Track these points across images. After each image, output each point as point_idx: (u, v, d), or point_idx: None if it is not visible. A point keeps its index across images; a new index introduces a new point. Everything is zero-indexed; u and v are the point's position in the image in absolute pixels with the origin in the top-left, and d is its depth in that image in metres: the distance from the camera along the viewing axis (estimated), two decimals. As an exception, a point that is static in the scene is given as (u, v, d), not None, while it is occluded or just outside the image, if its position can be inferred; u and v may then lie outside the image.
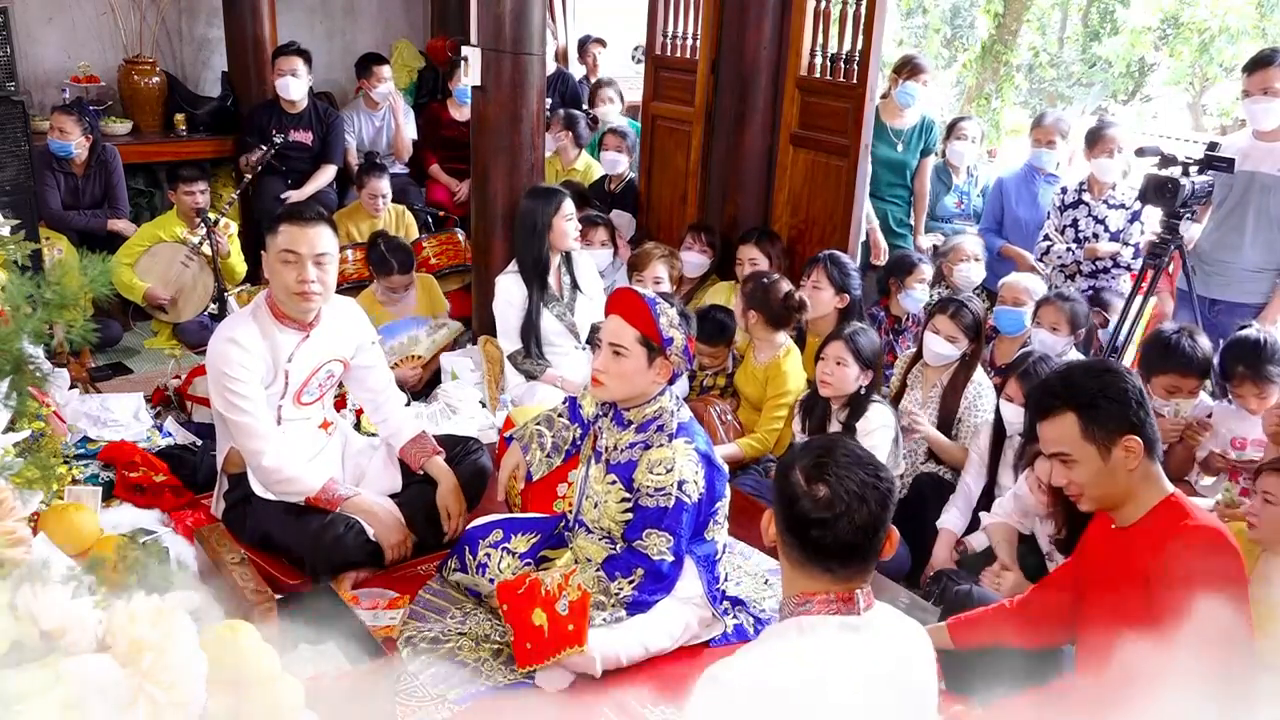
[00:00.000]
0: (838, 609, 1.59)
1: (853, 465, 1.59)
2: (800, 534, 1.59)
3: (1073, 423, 2.02)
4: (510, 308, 3.92)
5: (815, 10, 4.38)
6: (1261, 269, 3.88)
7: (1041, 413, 2.08)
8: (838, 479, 1.57)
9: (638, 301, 2.53)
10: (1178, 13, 9.49)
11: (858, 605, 1.60)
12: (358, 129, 5.83)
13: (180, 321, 4.90)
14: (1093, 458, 2.02)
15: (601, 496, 2.60)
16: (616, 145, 5.35)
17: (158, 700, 1.15)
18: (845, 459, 1.60)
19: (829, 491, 1.57)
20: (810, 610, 1.60)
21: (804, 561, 1.61)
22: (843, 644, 1.58)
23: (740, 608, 2.74)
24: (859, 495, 1.56)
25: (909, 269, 4.20)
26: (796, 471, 1.61)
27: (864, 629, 1.59)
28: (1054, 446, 2.07)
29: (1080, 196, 4.40)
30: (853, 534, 1.56)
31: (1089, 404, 2.01)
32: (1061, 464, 2.06)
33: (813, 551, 1.59)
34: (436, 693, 2.43)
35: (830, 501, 1.56)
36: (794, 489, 1.60)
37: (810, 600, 1.60)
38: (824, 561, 1.59)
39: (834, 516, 1.56)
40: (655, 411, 2.58)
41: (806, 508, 1.58)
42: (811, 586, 1.61)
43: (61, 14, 5.75)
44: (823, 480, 1.58)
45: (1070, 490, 2.09)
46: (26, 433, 1.74)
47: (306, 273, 2.70)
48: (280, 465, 2.77)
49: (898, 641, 1.64)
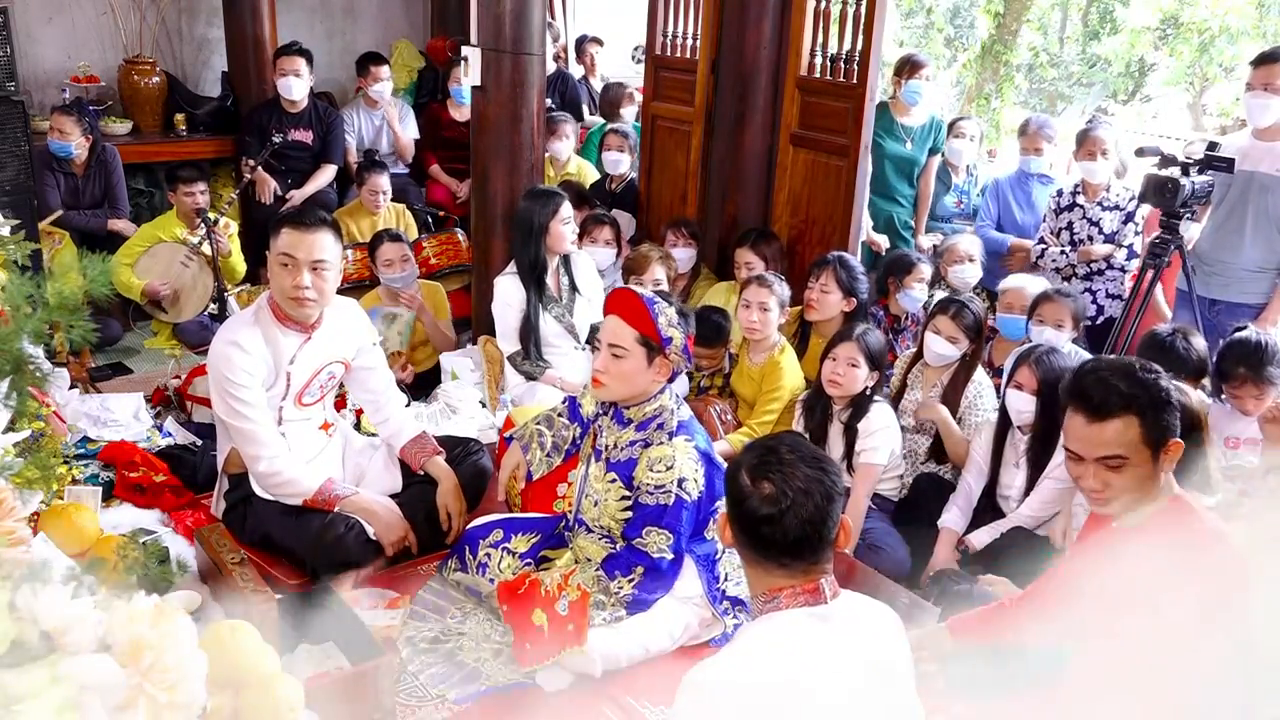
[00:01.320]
0: (805, 600, 1.63)
1: (797, 462, 1.63)
2: (750, 531, 1.64)
3: (1135, 425, 1.94)
4: (509, 309, 3.92)
5: (815, 10, 4.38)
6: (1261, 269, 3.87)
7: (1102, 414, 1.96)
8: (782, 476, 1.62)
9: (636, 301, 2.53)
10: (1178, 13, 9.49)
11: (824, 594, 1.64)
12: (358, 128, 5.83)
13: (180, 321, 4.90)
14: (1146, 461, 1.96)
15: (601, 495, 2.60)
16: (618, 145, 5.35)
17: (158, 700, 1.15)
18: (790, 455, 1.64)
19: (774, 488, 1.61)
20: (779, 605, 1.63)
21: (759, 559, 1.66)
22: (814, 634, 1.61)
23: (740, 608, 2.74)
24: (804, 490, 1.61)
25: (907, 268, 4.20)
26: (743, 471, 1.66)
27: (833, 617, 1.63)
28: (1109, 449, 1.97)
29: (1075, 199, 4.40)
30: (800, 528, 1.60)
31: (1153, 407, 1.94)
32: (1108, 468, 1.98)
33: (764, 548, 1.64)
34: (436, 693, 2.43)
35: (775, 497, 1.61)
36: (741, 488, 1.65)
37: (778, 596, 1.64)
38: (777, 557, 1.63)
39: (780, 512, 1.60)
40: (655, 410, 2.58)
41: (754, 505, 1.62)
42: (775, 583, 1.65)
43: (61, 14, 5.75)
44: (767, 478, 1.62)
45: (1102, 496, 2.02)
46: (26, 433, 1.74)
47: (301, 278, 2.69)
48: (279, 468, 2.77)
49: (868, 626, 1.68)
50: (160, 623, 1.19)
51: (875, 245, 4.85)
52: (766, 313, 3.70)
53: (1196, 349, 3.12)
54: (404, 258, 4.38)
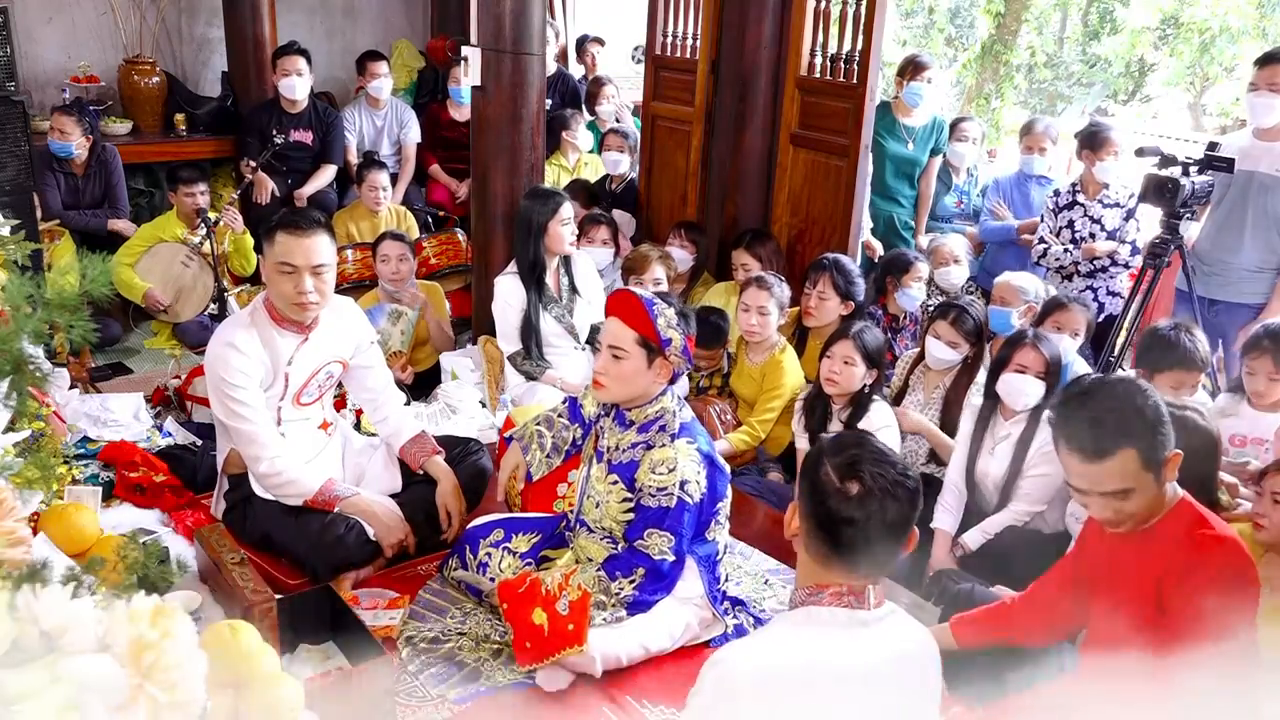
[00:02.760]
0: (849, 603, 1.60)
1: (883, 463, 1.60)
2: (831, 530, 1.59)
3: (1133, 458, 1.93)
4: (509, 308, 3.91)
5: (815, 10, 4.38)
6: (1261, 269, 3.87)
7: (1099, 455, 1.94)
8: (871, 476, 1.57)
9: (635, 303, 2.53)
10: (1178, 12, 9.49)
11: (868, 601, 1.60)
12: (358, 127, 5.83)
13: (180, 321, 4.91)
14: (1150, 484, 1.96)
15: (603, 496, 2.60)
16: (618, 145, 5.36)
17: (158, 700, 1.15)
18: (876, 456, 1.60)
19: (862, 489, 1.57)
20: (821, 601, 1.60)
21: (828, 556, 1.61)
22: (849, 636, 1.58)
23: (740, 608, 2.74)
24: (890, 493, 1.57)
25: (904, 268, 4.20)
26: (828, 468, 1.60)
27: (872, 624, 1.60)
28: (1112, 484, 1.95)
29: (1075, 197, 4.40)
30: (883, 531, 1.57)
31: (1146, 433, 1.93)
32: (1116, 498, 1.97)
33: (842, 548, 1.59)
34: (436, 693, 2.43)
35: (864, 499, 1.56)
36: (826, 485, 1.59)
37: (823, 591, 1.61)
38: (851, 557, 1.59)
39: (867, 514, 1.56)
40: (657, 412, 2.58)
41: (839, 505, 1.57)
42: (826, 578, 1.61)
43: (61, 14, 5.75)
44: (855, 478, 1.58)
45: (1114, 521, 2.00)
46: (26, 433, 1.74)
47: (304, 284, 2.69)
48: (279, 468, 2.77)
49: (905, 642, 1.65)
50: (160, 623, 1.19)
51: (871, 250, 4.85)
52: (765, 316, 3.71)
53: (1200, 341, 3.12)
54: (401, 257, 4.38)
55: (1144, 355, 3.19)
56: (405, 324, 4.38)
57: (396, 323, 4.37)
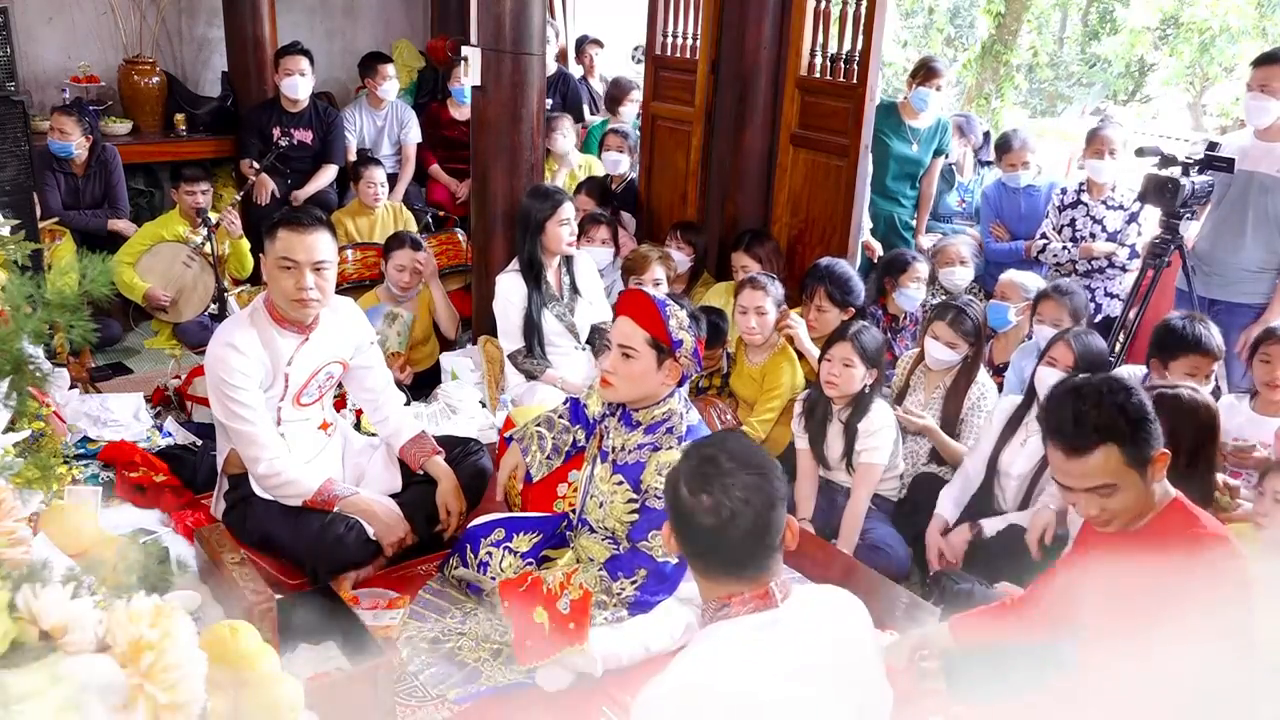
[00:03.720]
0: (755, 606, 1.59)
1: (737, 470, 1.58)
2: (695, 545, 1.61)
3: (1115, 454, 1.93)
4: (511, 306, 3.91)
5: (815, 10, 4.38)
6: (1262, 269, 3.87)
7: (1079, 449, 1.94)
8: (721, 487, 1.56)
9: (648, 303, 2.52)
10: (1177, 12, 9.48)
11: (774, 598, 1.60)
12: (359, 127, 5.82)
13: (180, 321, 4.90)
14: (1135, 483, 1.95)
15: (607, 496, 2.60)
16: (618, 145, 5.35)
17: (158, 700, 1.15)
18: (729, 464, 1.58)
19: (712, 500, 1.56)
20: (729, 613, 1.60)
21: (707, 569, 1.63)
22: (764, 640, 1.57)
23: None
24: (744, 500, 1.56)
25: (903, 268, 4.19)
26: (681, 483, 1.61)
27: (784, 620, 1.59)
28: (1094, 480, 1.96)
29: (1079, 197, 4.41)
30: (743, 538, 1.56)
31: (1130, 432, 1.93)
32: (1100, 495, 1.97)
33: (709, 559, 1.61)
34: (436, 693, 2.43)
35: (715, 509, 1.56)
36: (682, 502, 1.60)
37: (728, 603, 1.60)
38: (724, 568, 1.60)
39: (722, 524, 1.56)
40: (664, 413, 2.58)
41: (696, 519, 1.58)
42: (725, 590, 1.61)
43: (61, 14, 5.75)
44: (705, 490, 1.57)
45: (1100, 519, 2.01)
46: (26, 433, 1.73)
47: (304, 280, 2.69)
48: (279, 469, 2.77)
49: (824, 624, 1.64)
50: (160, 623, 1.19)
51: (871, 250, 4.84)
52: (764, 316, 3.71)
53: (1212, 330, 3.12)
54: (415, 270, 4.38)
55: (1157, 347, 3.19)
56: (401, 325, 4.38)
57: (393, 324, 4.37)
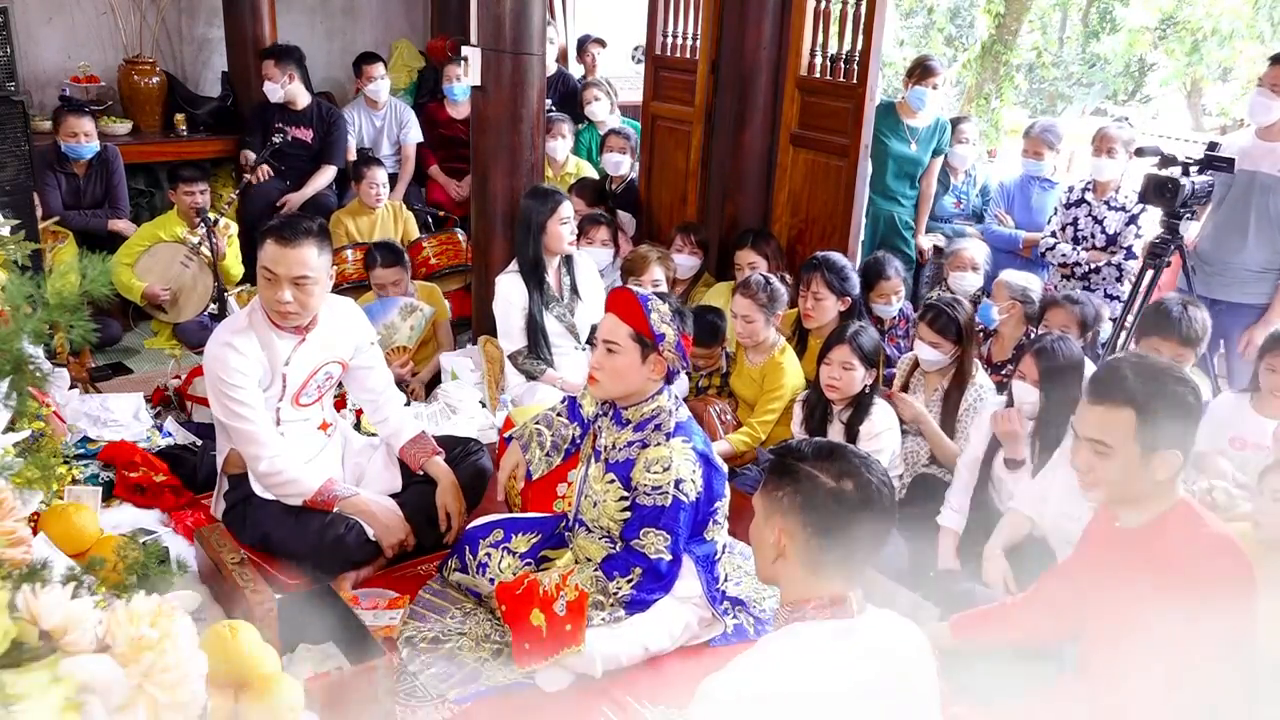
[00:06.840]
0: (832, 614, 1.60)
1: (863, 462, 1.64)
2: (834, 531, 1.60)
3: (1129, 420, 1.92)
4: (511, 307, 3.91)
5: (815, 10, 4.39)
6: (1265, 269, 3.87)
7: (1099, 397, 1.96)
8: (865, 467, 1.61)
9: (630, 298, 2.54)
10: (1176, 12, 9.49)
11: (851, 609, 1.60)
12: (358, 128, 5.82)
13: (180, 321, 4.90)
14: (1133, 459, 1.94)
15: (600, 495, 2.60)
16: (619, 146, 5.35)
17: (158, 700, 1.15)
18: (855, 456, 1.64)
19: (856, 481, 1.60)
20: (804, 617, 1.61)
21: (821, 563, 1.61)
22: (837, 648, 1.58)
23: (740, 608, 2.73)
24: (883, 481, 1.62)
25: (871, 284, 4.15)
26: (818, 473, 1.61)
27: (858, 632, 1.60)
28: (1096, 433, 1.97)
29: (1084, 196, 4.40)
30: (875, 520, 1.60)
31: (1153, 408, 1.92)
32: (1095, 452, 1.98)
33: (835, 541, 1.60)
34: (436, 693, 2.43)
35: (862, 487, 1.60)
36: (820, 489, 1.60)
37: (804, 607, 1.61)
38: (846, 558, 1.61)
39: (865, 499, 1.59)
40: (653, 410, 2.58)
41: (836, 505, 1.59)
42: (810, 591, 1.62)
43: (61, 14, 5.75)
44: (847, 474, 1.60)
45: (1087, 479, 2.02)
46: (26, 433, 1.73)
47: (283, 293, 2.68)
48: (279, 468, 2.77)
49: (894, 644, 1.64)
50: (160, 623, 1.19)
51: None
52: (751, 324, 3.73)
53: (1201, 320, 3.10)
54: (396, 282, 4.38)
55: (1144, 322, 3.21)
56: (416, 320, 4.37)
57: (408, 318, 4.37)
